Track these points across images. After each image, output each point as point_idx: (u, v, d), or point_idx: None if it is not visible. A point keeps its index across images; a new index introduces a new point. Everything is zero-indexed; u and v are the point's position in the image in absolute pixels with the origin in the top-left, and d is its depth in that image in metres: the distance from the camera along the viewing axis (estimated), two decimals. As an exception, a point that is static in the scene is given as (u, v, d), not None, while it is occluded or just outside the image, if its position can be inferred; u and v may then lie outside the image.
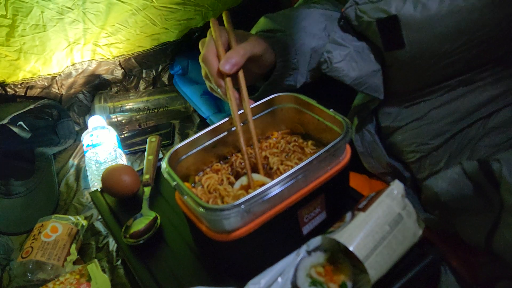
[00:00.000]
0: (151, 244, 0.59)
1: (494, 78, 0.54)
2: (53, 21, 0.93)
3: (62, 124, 1.07)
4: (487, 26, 0.50)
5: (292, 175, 0.45)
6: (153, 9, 0.99)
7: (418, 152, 0.61)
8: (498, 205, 0.45)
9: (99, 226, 0.80)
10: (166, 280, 0.54)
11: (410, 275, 0.49)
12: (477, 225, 0.48)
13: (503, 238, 0.45)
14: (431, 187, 0.51)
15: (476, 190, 0.47)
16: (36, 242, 0.70)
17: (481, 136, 0.55)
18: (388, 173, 0.68)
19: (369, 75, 0.59)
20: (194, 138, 0.54)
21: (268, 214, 0.46)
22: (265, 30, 0.64)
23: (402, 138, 0.63)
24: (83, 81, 1.09)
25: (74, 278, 0.65)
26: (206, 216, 0.44)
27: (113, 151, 0.90)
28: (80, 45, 1.02)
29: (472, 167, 0.47)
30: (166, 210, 0.64)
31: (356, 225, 0.48)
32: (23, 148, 0.98)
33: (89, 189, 0.90)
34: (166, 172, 0.48)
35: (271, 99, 0.59)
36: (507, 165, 0.43)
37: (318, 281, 0.48)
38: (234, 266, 0.52)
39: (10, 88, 1.02)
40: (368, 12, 0.56)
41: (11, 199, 0.89)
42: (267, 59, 0.60)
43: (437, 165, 0.60)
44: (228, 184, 0.54)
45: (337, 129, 0.53)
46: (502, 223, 0.45)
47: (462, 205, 0.49)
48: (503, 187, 0.43)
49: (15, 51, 0.94)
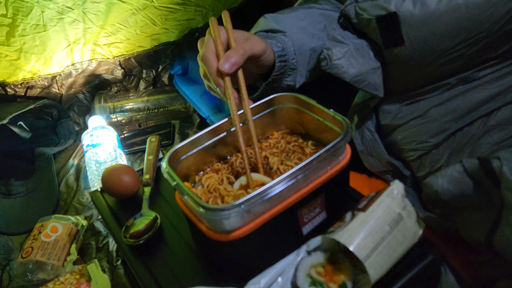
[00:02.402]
0: (151, 244, 0.59)
1: (494, 76, 0.54)
2: (53, 21, 0.93)
3: (62, 124, 1.07)
4: (486, 23, 0.50)
5: (292, 175, 0.45)
6: (153, 9, 0.99)
7: (418, 150, 0.61)
8: (499, 203, 0.45)
9: (99, 226, 0.80)
10: (166, 280, 0.54)
11: (410, 275, 0.49)
12: (478, 223, 0.48)
13: (504, 236, 0.45)
14: (431, 185, 0.51)
15: (476, 188, 0.47)
16: (36, 242, 0.70)
17: (481, 134, 0.55)
18: (388, 171, 0.68)
19: (368, 73, 0.59)
20: (194, 138, 0.54)
21: (268, 214, 0.46)
22: (265, 30, 0.64)
23: (402, 136, 0.63)
24: (83, 81, 1.09)
25: (74, 278, 0.65)
26: (206, 216, 0.44)
27: (113, 151, 0.90)
28: (80, 45, 1.02)
29: (473, 165, 0.47)
30: (166, 210, 0.64)
31: (356, 225, 0.48)
32: (23, 148, 0.98)
33: (89, 189, 0.90)
34: (166, 172, 0.48)
35: (271, 99, 0.59)
36: (508, 163, 0.43)
37: (318, 281, 0.48)
38: (234, 266, 0.52)
39: (10, 88, 1.02)
40: (367, 10, 0.56)
41: (11, 199, 0.89)
42: (267, 59, 0.60)
43: (437, 163, 0.60)
44: (228, 184, 0.54)
45: (337, 129, 0.53)
46: (502, 221, 0.45)
47: (463, 203, 0.49)
48: (503, 185, 0.43)
49: (15, 51, 0.94)
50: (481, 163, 0.46)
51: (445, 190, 0.49)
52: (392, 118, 0.64)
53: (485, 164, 0.45)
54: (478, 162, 0.46)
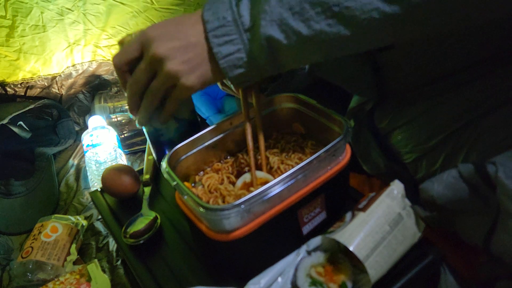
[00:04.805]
0: (151, 244, 0.59)
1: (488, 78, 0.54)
2: (53, 21, 0.93)
3: (62, 124, 1.07)
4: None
5: (292, 174, 0.45)
6: (153, 11, 0.99)
7: (414, 153, 0.61)
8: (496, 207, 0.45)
9: (99, 226, 0.80)
10: (166, 280, 0.54)
11: (410, 275, 0.49)
12: (476, 226, 0.48)
13: (501, 241, 0.45)
14: (427, 190, 0.51)
15: (473, 193, 0.47)
16: (36, 242, 0.70)
17: (476, 136, 0.55)
18: (386, 174, 0.68)
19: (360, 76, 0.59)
20: (194, 138, 0.54)
21: (268, 214, 0.46)
22: None
23: (398, 139, 0.63)
24: (83, 81, 1.09)
25: (74, 278, 0.65)
26: (206, 216, 0.44)
27: (113, 151, 0.90)
28: (81, 46, 1.02)
29: (468, 170, 0.47)
30: (166, 210, 0.64)
31: (356, 225, 0.48)
32: (23, 148, 0.98)
33: (89, 189, 0.90)
34: (166, 172, 0.48)
35: (271, 99, 0.60)
36: (503, 168, 0.43)
37: (318, 281, 0.48)
38: (234, 266, 0.52)
39: (10, 88, 1.02)
40: None
41: (11, 199, 0.89)
42: None
43: (433, 166, 0.60)
44: (229, 184, 0.54)
45: (337, 129, 0.53)
46: (499, 226, 0.45)
47: (460, 207, 0.49)
48: (499, 190, 0.43)
49: (15, 51, 0.95)
50: (476, 168, 0.46)
51: (441, 195, 0.49)
52: (388, 122, 0.64)
53: (480, 169, 0.45)
54: (474, 167, 0.46)
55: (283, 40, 0.42)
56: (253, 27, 0.43)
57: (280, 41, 0.42)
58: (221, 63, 0.44)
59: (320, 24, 0.41)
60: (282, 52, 0.44)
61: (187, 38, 0.45)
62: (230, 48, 0.44)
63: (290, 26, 0.42)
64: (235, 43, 0.44)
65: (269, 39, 0.42)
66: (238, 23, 0.43)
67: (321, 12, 0.40)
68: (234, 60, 0.44)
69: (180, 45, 0.45)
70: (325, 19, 0.41)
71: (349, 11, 0.39)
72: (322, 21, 0.41)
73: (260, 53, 0.44)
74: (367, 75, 0.63)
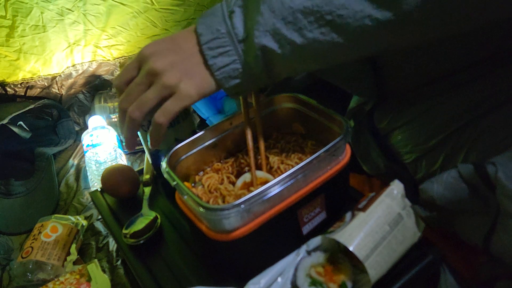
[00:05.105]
0: (151, 244, 0.59)
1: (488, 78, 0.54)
2: (53, 22, 0.93)
3: (62, 124, 1.07)
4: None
5: (292, 174, 0.45)
6: (154, 12, 0.99)
7: (414, 153, 0.61)
8: (495, 208, 0.45)
9: (99, 226, 0.80)
10: (166, 280, 0.54)
11: (410, 275, 0.49)
12: (475, 226, 0.48)
13: (501, 241, 0.45)
14: (427, 191, 0.51)
15: (472, 193, 0.47)
16: (36, 242, 0.70)
17: (476, 137, 0.55)
18: (386, 174, 0.68)
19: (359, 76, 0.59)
20: (194, 138, 0.54)
21: (268, 214, 0.46)
22: None
23: (398, 139, 0.63)
24: (83, 81, 1.09)
25: (74, 278, 0.65)
26: (206, 216, 0.44)
27: (113, 151, 0.91)
28: (81, 46, 1.02)
29: (468, 170, 0.47)
30: (166, 210, 0.64)
31: (356, 225, 0.48)
32: (23, 148, 0.98)
33: (89, 189, 0.90)
34: (166, 172, 0.48)
35: (271, 99, 0.60)
36: (503, 168, 0.43)
37: (318, 281, 0.48)
38: (234, 266, 0.52)
39: (10, 88, 1.02)
40: None
41: (11, 199, 0.89)
42: None
43: (433, 166, 0.60)
44: (229, 184, 0.54)
45: (337, 129, 0.53)
46: (499, 226, 0.45)
47: (459, 208, 0.49)
48: (499, 191, 0.43)
49: (15, 51, 0.95)
50: (476, 168, 0.46)
51: (440, 196, 0.49)
52: (388, 122, 0.64)
53: (480, 170, 0.45)
54: (473, 168, 0.46)
55: (277, 49, 0.42)
56: (247, 38, 0.43)
57: (274, 50, 0.43)
58: (216, 75, 0.44)
59: (314, 32, 0.41)
60: (277, 62, 0.44)
61: (182, 51, 0.45)
62: (225, 59, 0.44)
63: (284, 35, 0.42)
64: (230, 54, 0.44)
65: (263, 49, 0.43)
66: (232, 35, 0.43)
67: (314, 21, 0.40)
68: (230, 71, 0.44)
69: (176, 59, 0.45)
70: (318, 28, 0.41)
71: (341, 19, 0.40)
72: (315, 30, 0.41)
73: (255, 63, 0.44)
74: (367, 75, 0.63)
